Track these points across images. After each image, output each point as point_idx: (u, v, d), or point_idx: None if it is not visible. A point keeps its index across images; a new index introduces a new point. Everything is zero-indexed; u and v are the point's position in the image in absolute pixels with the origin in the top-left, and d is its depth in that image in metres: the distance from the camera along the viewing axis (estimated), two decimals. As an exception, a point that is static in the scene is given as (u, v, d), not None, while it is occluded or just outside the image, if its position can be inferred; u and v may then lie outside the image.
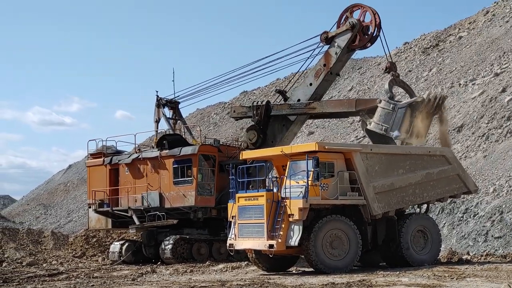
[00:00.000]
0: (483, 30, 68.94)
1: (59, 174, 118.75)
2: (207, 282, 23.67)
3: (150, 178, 36.46)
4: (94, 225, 39.30)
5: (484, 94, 52.24)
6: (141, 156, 36.99)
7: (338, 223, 26.54)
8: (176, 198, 35.61)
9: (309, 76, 34.16)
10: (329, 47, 33.43)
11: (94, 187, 38.24)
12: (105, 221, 38.60)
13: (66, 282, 25.36)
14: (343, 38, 33.13)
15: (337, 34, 33.14)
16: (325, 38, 33.30)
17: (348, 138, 63.70)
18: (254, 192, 27.51)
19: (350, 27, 32.85)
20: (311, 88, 33.96)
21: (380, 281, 22.19)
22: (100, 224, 38.84)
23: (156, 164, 36.20)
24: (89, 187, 39.34)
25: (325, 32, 33.34)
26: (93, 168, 39.09)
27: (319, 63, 33.69)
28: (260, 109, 34.60)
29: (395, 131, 31.21)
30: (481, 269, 25.25)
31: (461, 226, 37.94)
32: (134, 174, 37.00)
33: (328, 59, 33.54)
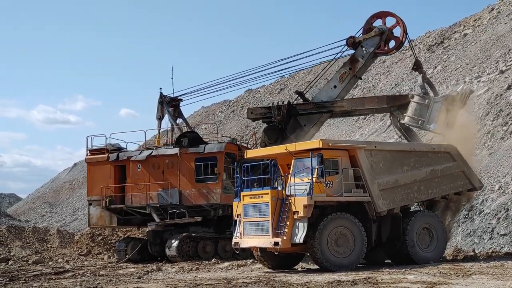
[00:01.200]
0: (488, 27, 68.84)
1: (64, 172, 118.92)
2: (213, 280, 23.67)
3: (167, 175, 36.17)
4: (96, 223, 38.49)
5: (489, 92, 52.16)
6: (158, 153, 36.75)
7: (343, 221, 26.53)
8: (198, 196, 35.54)
9: (333, 79, 34.53)
10: (356, 52, 33.96)
11: (95, 184, 37.79)
12: (109, 219, 37.98)
13: (72, 280, 25.38)
14: (371, 44, 33.81)
15: (365, 39, 33.75)
16: (352, 43, 33.83)
17: (353, 135, 63.68)
18: (259, 190, 27.53)
19: (379, 33, 33.60)
20: (335, 91, 34.34)
21: (386, 278, 22.18)
22: (102, 221, 38.16)
23: (175, 161, 35.96)
24: (89, 184, 38.79)
25: (351, 37, 33.83)
26: (94, 164, 38.41)
27: (344, 66, 34.20)
28: (282, 108, 34.42)
29: (431, 124, 32.06)
30: (487, 267, 25.21)
31: (466, 224, 37.89)
32: (149, 171, 36.63)
33: (354, 63, 34.13)
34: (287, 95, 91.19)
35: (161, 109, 38.64)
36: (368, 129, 62.95)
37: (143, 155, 37.11)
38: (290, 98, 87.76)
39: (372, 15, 34.33)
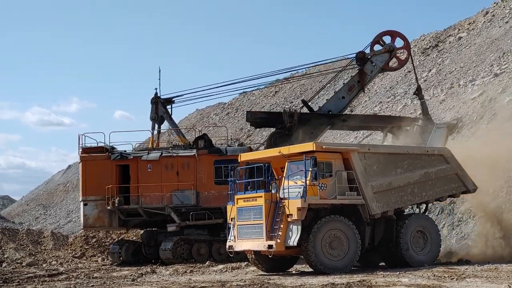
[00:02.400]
0: (482, 31, 68.93)
1: (58, 175, 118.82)
2: (207, 282, 23.68)
3: (182, 176, 35.86)
4: (93, 224, 36.74)
5: (483, 95, 52.21)
6: (172, 154, 36.46)
7: (337, 223, 26.55)
8: (217, 198, 35.40)
9: (342, 90, 36.49)
10: (365, 66, 36.07)
11: (92, 183, 36.62)
12: (109, 220, 36.64)
13: (66, 283, 25.37)
14: (381, 59, 36.16)
15: (375, 55, 35.96)
16: (362, 58, 36.04)
17: (348, 138, 63.69)
18: (252, 193, 27.54)
19: (388, 50, 35.90)
20: (343, 101, 36.28)
21: (380, 281, 22.19)
22: (101, 222, 36.74)
23: (191, 162, 35.75)
24: (85, 183, 37.09)
25: (361, 52, 35.97)
26: (91, 163, 37.00)
27: (353, 79, 36.37)
28: (294, 116, 35.77)
29: None
30: (481, 270, 25.24)
31: (460, 227, 37.92)
32: (161, 171, 36.13)
33: (363, 76, 36.22)
34: (281, 98, 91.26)
35: (155, 109, 38.49)
36: (363, 132, 62.97)
37: (155, 155, 36.54)
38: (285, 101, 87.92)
39: (383, 32, 36.50)
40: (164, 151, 36.61)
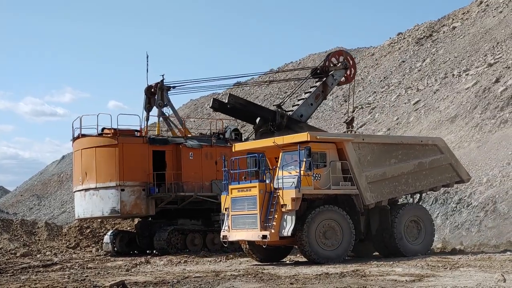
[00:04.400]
0: (476, 21, 68.96)
1: (52, 165, 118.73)
2: (201, 272, 23.68)
3: (220, 166, 34.20)
4: (130, 211, 34.90)
5: (477, 85, 52.29)
6: (212, 143, 36.25)
7: (331, 213, 26.57)
8: None
9: (310, 98, 40.06)
10: (327, 79, 40.22)
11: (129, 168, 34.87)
12: (146, 207, 35.20)
13: (60, 273, 25.34)
14: (339, 74, 40.67)
15: (335, 71, 40.34)
16: (325, 71, 40.29)
17: (342, 128, 63.72)
18: (247, 183, 27.52)
19: (344, 67, 40.65)
20: (312, 108, 40.45)
21: (374, 271, 22.22)
22: (138, 209, 35.02)
23: (228, 153, 35.38)
24: (122, 167, 34.87)
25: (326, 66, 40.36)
26: (129, 146, 35.19)
27: (318, 89, 40.19)
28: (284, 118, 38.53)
29: None
30: (474, 259, 25.30)
31: (454, 216, 38.02)
32: (201, 160, 35.65)
33: (325, 88, 40.40)
34: (275, 88, 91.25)
35: (161, 95, 38.06)
36: (357, 122, 63.02)
37: (196, 143, 36.17)
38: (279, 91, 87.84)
39: (333, 52, 42.35)
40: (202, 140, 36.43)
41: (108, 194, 34.64)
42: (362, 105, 67.34)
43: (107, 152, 35.30)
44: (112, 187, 34.88)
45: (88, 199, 35.43)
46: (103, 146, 35.51)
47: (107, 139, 35.52)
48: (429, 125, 51.23)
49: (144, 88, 38.19)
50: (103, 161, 35.29)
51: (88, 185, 35.42)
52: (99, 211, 35.05)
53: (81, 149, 36.23)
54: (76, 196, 36.86)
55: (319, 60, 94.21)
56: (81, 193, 36.01)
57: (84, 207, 35.77)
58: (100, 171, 35.21)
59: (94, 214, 35.55)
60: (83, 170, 35.88)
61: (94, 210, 35.28)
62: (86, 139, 36.20)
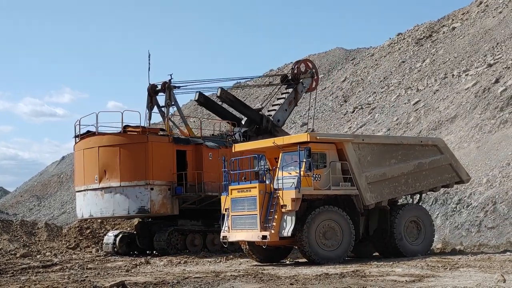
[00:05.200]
0: (476, 21, 68.99)
1: (52, 166, 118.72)
2: (201, 273, 23.68)
3: None
4: (158, 210, 34.46)
5: (477, 85, 52.32)
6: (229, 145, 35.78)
7: (331, 214, 26.57)
8: None
9: (285, 104, 41.74)
10: (297, 87, 42.03)
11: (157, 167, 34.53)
12: (171, 207, 34.93)
13: (60, 274, 25.34)
14: (307, 82, 42.46)
15: (303, 79, 42.17)
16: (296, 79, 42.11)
17: (342, 129, 63.78)
18: (246, 184, 27.52)
19: (311, 75, 42.56)
20: (286, 113, 42.24)
21: (374, 271, 22.23)
22: (164, 209, 34.68)
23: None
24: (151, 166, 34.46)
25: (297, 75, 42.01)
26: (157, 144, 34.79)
27: (291, 95, 41.99)
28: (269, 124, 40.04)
29: None
30: (474, 260, 25.31)
31: (454, 217, 38.04)
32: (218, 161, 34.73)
33: (296, 94, 42.29)
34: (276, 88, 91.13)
35: (169, 95, 38.04)
36: (357, 123, 63.07)
37: (215, 144, 36.13)
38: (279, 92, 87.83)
39: (298, 61, 43.78)
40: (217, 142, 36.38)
41: (135, 193, 34.18)
42: (362, 105, 67.35)
43: (134, 150, 34.75)
44: (141, 186, 34.45)
45: (108, 198, 34.78)
46: (129, 143, 34.98)
47: (135, 137, 35.14)
48: (429, 125, 51.25)
49: (148, 87, 38.14)
50: (130, 159, 34.71)
51: (109, 184, 34.72)
52: (123, 210, 34.42)
53: (99, 146, 35.31)
54: (87, 195, 35.79)
55: (319, 61, 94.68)
56: (97, 192, 35.19)
57: (101, 206, 35.01)
58: (126, 170, 34.59)
59: (116, 213, 35.00)
60: (101, 169, 35.07)
61: (117, 209, 34.68)
62: (107, 136, 35.58)
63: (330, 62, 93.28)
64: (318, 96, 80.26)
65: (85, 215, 36.13)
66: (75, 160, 37.49)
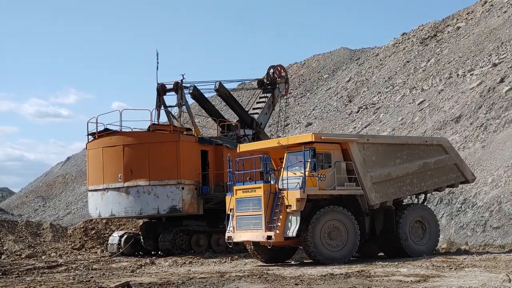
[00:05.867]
0: (481, 21, 68.86)
1: (57, 167, 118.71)
2: (206, 273, 23.69)
3: None
4: (187, 209, 34.41)
5: (482, 85, 52.22)
6: None
7: (336, 214, 26.56)
8: None
9: (265, 108, 42.36)
10: (274, 91, 42.76)
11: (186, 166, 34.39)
12: (197, 206, 34.87)
13: (65, 274, 25.36)
14: (283, 87, 43.29)
15: (279, 84, 42.89)
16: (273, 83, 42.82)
17: (347, 129, 63.72)
18: (251, 184, 27.52)
19: (285, 81, 43.66)
20: (266, 117, 42.73)
21: (379, 271, 22.22)
22: (192, 208, 34.64)
23: None
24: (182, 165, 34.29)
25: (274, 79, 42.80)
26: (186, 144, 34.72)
27: (270, 99, 42.69)
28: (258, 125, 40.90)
29: None
30: (479, 259, 25.29)
31: (459, 217, 37.98)
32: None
33: (274, 99, 42.92)
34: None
35: (181, 95, 38.04)
36: (361, 123, 63.01)
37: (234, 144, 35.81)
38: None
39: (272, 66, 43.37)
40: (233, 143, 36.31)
41: (166, 192, 34.04)
42: (366, 105, 67.31)
43: (165, 149, 34.54)
44: (172, 185, 34.34)
45: (135, 197, 34.49)
46: (159, 142, 34.76)
47: (165, 136, 35.00)
48: (433, 125, 51.16)
49: (157, 86, 38.10)
50: (160, 158, 34.48)
51: (136, 183, 34.50)
52: (153, 209, 34.17)
53: (123, 145, 34.95)
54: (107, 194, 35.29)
55: (324, 61, 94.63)
56: (120, 191, 34.84)
57: (126, 205, 34.66)
58: (156, 169, 34.42)
59: (144, 213, 34.70)
60: (126, 167, 34.71)
61: (145, 209, 34.43)
62: (133, 134, 35.50)
63: (334, 62, 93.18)
64: (323, 96, 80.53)
65: (103, 214, 35.70)
66: (89, 159, 36.76)
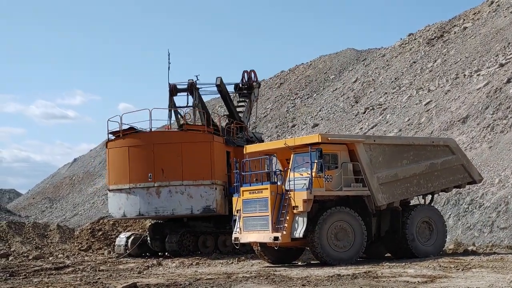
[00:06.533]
0: (487, 21, 68.79)
1: (64, 168, 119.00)
2: (213, 274, 23.70)
3: None
4: (219, 210, 34.57)
5: (489, 85, 52.15)
6: None
7: (342, 215, 26.55)
8: None
9: (245, 112, 42.38)
10: (251, 96, 42.86)
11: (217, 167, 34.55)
12: (224, 207, 34.90)
13: (72, 276, 25.40)
14: (257, 92, 43.38)
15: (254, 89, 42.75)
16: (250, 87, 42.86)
17: (353, 129, 63.70)
18: (258, 185, 27.53)
19: (258, 86, 43.90)
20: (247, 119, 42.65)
21: (386, 272, 22.20)
22: (222, 209, 34.80)
23: None
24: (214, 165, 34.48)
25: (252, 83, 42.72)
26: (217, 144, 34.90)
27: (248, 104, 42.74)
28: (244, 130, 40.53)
29: None
30: (486, 260, 25.24)
31: (466, 217, 37.92)
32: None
33: (250, 104, 42.97)
34: (286, 90, 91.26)
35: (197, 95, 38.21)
36: (368, 123, 62.98)
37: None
38: (290, 93, 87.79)
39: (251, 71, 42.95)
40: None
41: (200, 192, 34.07)
42: (373, 106, 67.27)
43: (198, 149, 34.43)
44: (206, 185, 34.36)
45: (167, 197, 34.45)
46: (193, 142, 34.70)
47: (200, 136, 34.99)
48: (440, 125, 51.11)
49: (170, 87, 38.18)
50: (193, 158, 34.39)
51: (168, 182, 34.43)
52: (186, 209, 34.05)
53: (154, 143, 34.87)
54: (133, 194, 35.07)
55: (330, 62, 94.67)
56: (150, 190, 34.71)
57: (156, 205, 34.58)
58: (189, 168, 34.28)
59: (177, 213, 34.61)
60: (156, 166, 34.61)
61: (178, 209, 34.39)
62: (165, 134, 35.70)
63: (341, 63, 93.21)
64: (329, 97, 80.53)
65: (129, 214, 35.53)
66: (111, 158, 36.41)
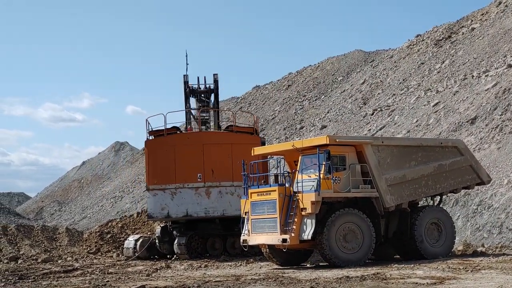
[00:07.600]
0: (495, 21, 68.63)
1: (73, 171, 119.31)
2: (222, 276, 23.72)
3: None
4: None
5: (497, 86, 52.02)
6: None
7: (351, 216, 26.53)
8: None
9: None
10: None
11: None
12: None
13: (81, 278, 25.45)
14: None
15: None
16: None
17: (361, 131, 63.63)
18: (266, 187, 27.53)
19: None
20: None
21: (395, 274, 22.17)
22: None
23: None
24: None
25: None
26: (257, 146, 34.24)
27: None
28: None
29: None
30: (496, 261, 25.18)
31: (475, 218, 37.81)
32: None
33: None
34: (294, 92, 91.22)
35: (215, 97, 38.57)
36: (376, 125, 62.91)
37: None
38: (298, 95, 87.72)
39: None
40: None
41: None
42: (381, 107, 67.20)
43: (247, 150, 33.45)
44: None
45: (217, 198, 34.77)
46: (241, 144, 34.77)
47: (248, 137, 35.34)
48: (448, 127, 51.01)
49: (187, 89, 38.37)
50: (242, 159, 33.37)
51: (218, 183, 34.85)
52: (236, 210, 33.17)
53: (203, 144, 35.15)
54: (179, 194, 35.15)
55: (338, 63, 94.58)
56: (199, 191, 34.92)
57: (206, 205, 34.81)
58: (239, 169, 33.39)
59: (227, 213, 34.85)
60: (206, 167, 34.87)
61: (228, 209, 34.69)
62: (215, 134, 36.09)
63: (349, 64, 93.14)
64: (337, 98, 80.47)
65: (174, 214, 35.35)
66: (151, 157, 36.28)
